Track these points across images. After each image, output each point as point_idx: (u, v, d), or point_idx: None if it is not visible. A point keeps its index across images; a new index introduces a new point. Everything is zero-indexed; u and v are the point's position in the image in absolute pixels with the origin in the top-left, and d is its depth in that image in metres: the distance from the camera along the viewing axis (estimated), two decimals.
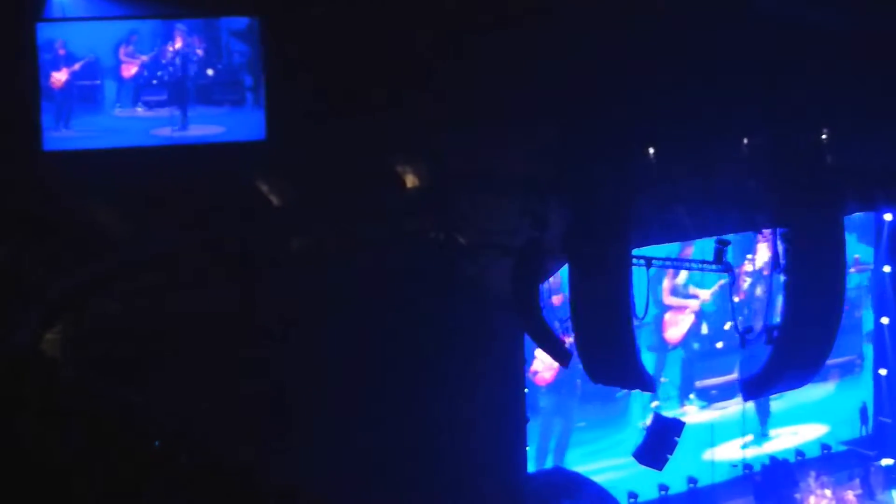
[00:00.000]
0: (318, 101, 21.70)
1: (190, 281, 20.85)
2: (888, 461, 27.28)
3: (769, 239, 24.98)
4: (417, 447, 22.17)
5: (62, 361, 17.97)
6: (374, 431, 21.66)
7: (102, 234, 20.72)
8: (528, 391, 24.42)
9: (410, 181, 23.40)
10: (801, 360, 22.07)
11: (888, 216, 27.55)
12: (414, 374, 22.11)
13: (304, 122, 21.68)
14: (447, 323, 22.33)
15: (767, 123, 22.63)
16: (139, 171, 20.84)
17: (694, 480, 26.32)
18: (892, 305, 28.18)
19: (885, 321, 28.35)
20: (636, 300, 21.59)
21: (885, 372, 28.52)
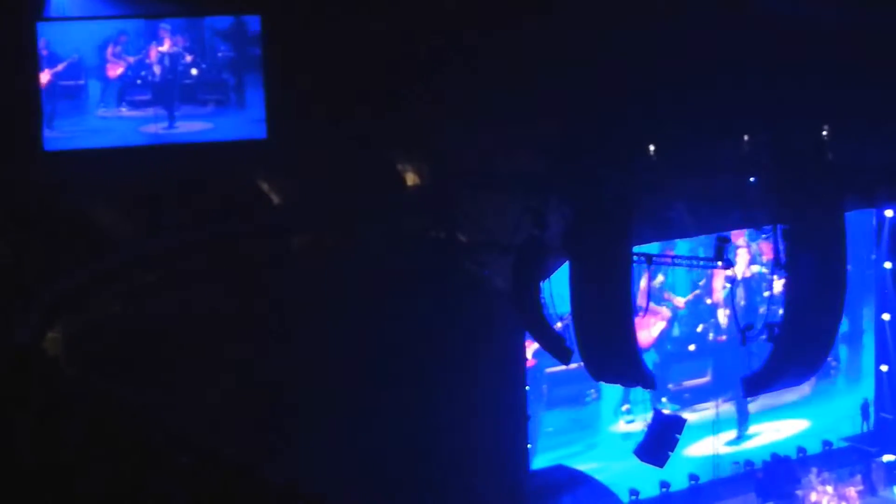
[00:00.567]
0: (317, 100, 21.73)
1: (189, 281, 20.89)
2: (889, 457, 27.27)
3: (747, 244, 25.11)
4: (419, 445, 22.21)
5: (62, 361, 17.99)
6: (375, 429, 21.69)
7: (103, 233, 20.75)
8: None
9: (411, 180, 23.44)
10: (802, 356, 22.09)
11: (889, 213, 27.53)
12: (415, 371, 22.14)
13: (303, 121, 21.71)
14: (448, 321, 22.36)
15: (768, 122, 22.65)
16: (139, 170, 20.89)
17: (695, 477, 26.33)
18: (892, 302, 28.17)
19: (885, 318, 28.35)
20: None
21: (886, 368, 28.52)
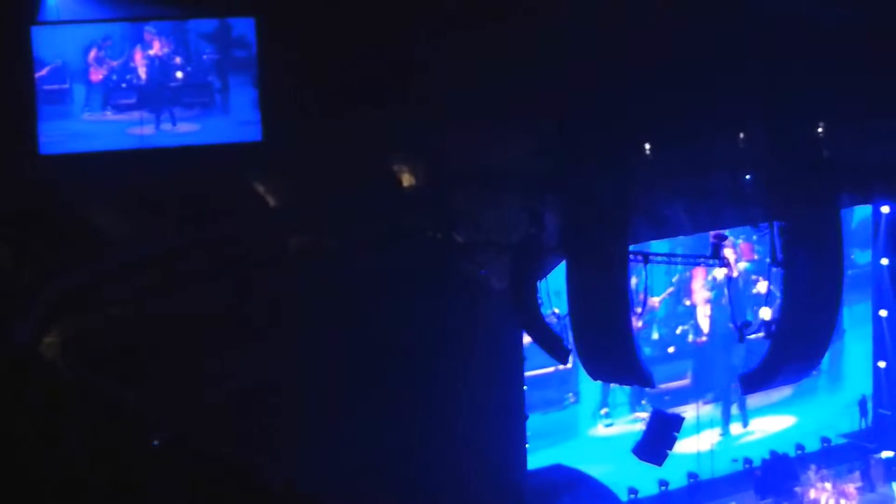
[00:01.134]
0: (313, 100, 21.74)
1: (188, 281, 20.89)
2: (888, 453, 27.27)
3: (732, 244, 25.08)
4: (417, 445, 22.18)
5: (61, 361, 18.00)
6: (371, 429, 21.67)
7: (99, 236, 20.75)
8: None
9: (407, 180, 23.45)
10: (799, 353, 22.08)
11: (885, 209, 27.55)
12: (412, 371, 22.13)
13: (299, 121, 21.72)
14: (445, 321, 22.35)
15: (764, 119, 22.67)
16: (133, 173, 20.89)
17: (694, 475, 26.34)
18: (890, 298, 28.19)
19: (883, 314, 28.36)
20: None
21: (883, 364, 28.53)
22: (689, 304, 27.03)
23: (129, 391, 17.60)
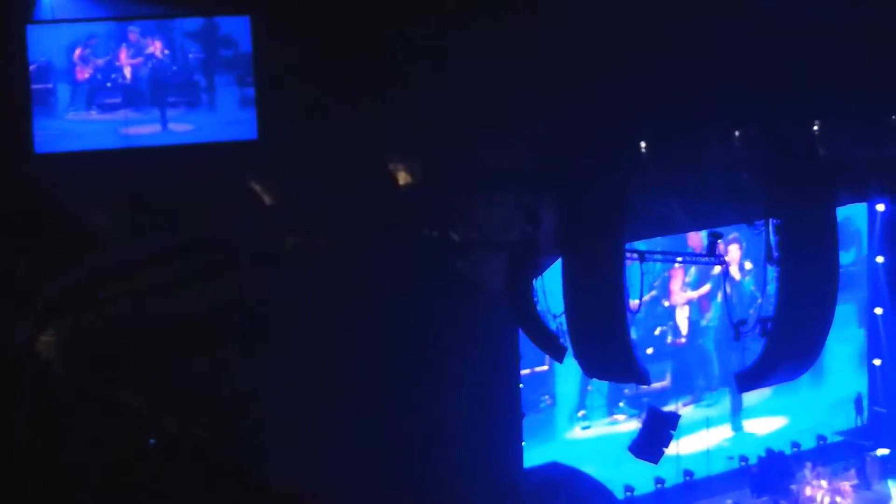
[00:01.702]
0: (310, 99, 21.70)
1: (185, 281, 20.87)
2: (884, 451, 27.31)
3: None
4: (413, 443, 22.19)
5: (58, 362, 17.99)
6: (369, 428, 21.67)
7: (97, 234, 20.73)
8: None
9: (404, 178, 23.42)
10: (795, 351, 22.10)
11: (881, 207, 27.59)
12: (408, 370, 22.14)
13: (296, 120, 21.69)
14: (441, 319, 22.36)
15: (759, 117, 22.68)
16: (131, 172, 20.84)
17: (690, 473, 26.35)
18: (885, 296, 28.22)
19: (878, 311, 28.40)
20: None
21: (879, 362, 28.57)
22: (667, 304, 26.94)
23: (125, 390, 17.58)
